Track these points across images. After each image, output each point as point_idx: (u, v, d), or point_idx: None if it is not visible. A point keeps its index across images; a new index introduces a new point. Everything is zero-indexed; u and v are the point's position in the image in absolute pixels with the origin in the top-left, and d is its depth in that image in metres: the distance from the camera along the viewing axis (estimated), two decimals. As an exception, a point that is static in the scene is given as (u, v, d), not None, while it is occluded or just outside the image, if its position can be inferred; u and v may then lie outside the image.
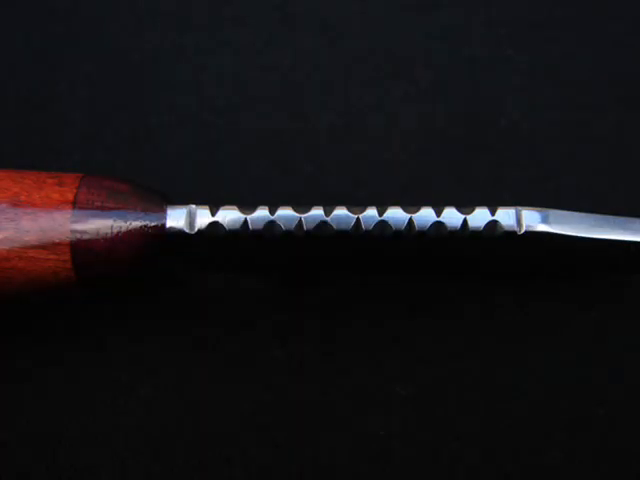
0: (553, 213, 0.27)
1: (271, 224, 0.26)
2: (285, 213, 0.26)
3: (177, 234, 0.26)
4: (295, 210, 0.26)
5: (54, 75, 0.33)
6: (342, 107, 0.33)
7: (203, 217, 0.26)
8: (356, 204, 0.26)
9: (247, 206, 0.26)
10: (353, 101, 0.33)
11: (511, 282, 0.30)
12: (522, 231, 0.26)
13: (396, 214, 0.26)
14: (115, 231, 0.26)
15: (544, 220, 0.26)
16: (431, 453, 0.28)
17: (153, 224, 0.26)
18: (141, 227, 0.26)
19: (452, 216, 0.26)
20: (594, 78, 0.33)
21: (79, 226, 0.26)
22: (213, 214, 0.26)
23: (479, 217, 0.26)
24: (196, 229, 0.26)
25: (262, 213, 0.26)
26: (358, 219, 0.26)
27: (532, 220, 0.26)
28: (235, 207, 0.26)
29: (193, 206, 0.27)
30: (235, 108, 0.33)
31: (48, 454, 0.28)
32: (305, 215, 0.26)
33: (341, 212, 0.26)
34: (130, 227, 0.26)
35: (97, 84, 0.33)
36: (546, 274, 0.30)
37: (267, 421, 0.28)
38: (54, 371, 0.29)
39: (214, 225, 0.26)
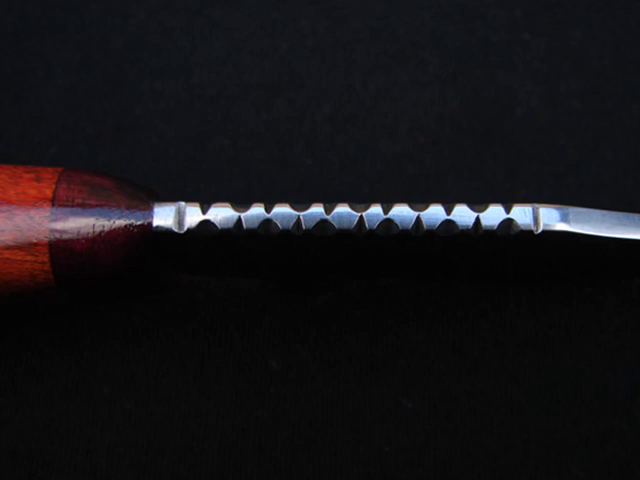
0: (573, 211, 0.26)
1: (267, 223, 0.25)
2: (282, 211, 0.25)
3: (165, 234, 0.26)
4: (293, 208, 0.26)
5: (31, 61, 0.32)
6: (345, 95, 0.32)
7: (193, 215, 0.26)
8: (359, 201, 0.26)
9: (241, 203, 0.26)
10: (357, 89, 0.32)
11: (526, 287, 0.29)
12: (539, 230, 0.26)
13: (402, 212, 0.25)
14: (97, 230, 0.25)
15: (563, 218, 0.26)
16: (439, 469, 0.27)
17: (139, 223, 0.26)
18: (126, 226, 0.25)
19: (464, 214, 0.25)
20: (616, 63, 0.32)
21: (58, 225, 0.25)
22: (204, 212, 0.26)
23: (493, 215, 0.26)
24: (185, 228, 0.26)
25: (257, 211, 0.25)
26: (361, 217, 0.25)
27: (550, 218, 0.26)
28: (228, 204, 0.26)
29: (182, 203, 0.26)
30: (228, 96, 0.32)
31: (26, 469, 0.27)
32: (304, 213, 0.25)
33: (343, 210, 0.25)
34: (114, 226, 0.25)
35: (77, 70, 0.32)
36: (563, 277, 0.29)
37: (262, 434, 0.28)
38: (34, 383, 0.28)
39: (205, 224, 0.26)
